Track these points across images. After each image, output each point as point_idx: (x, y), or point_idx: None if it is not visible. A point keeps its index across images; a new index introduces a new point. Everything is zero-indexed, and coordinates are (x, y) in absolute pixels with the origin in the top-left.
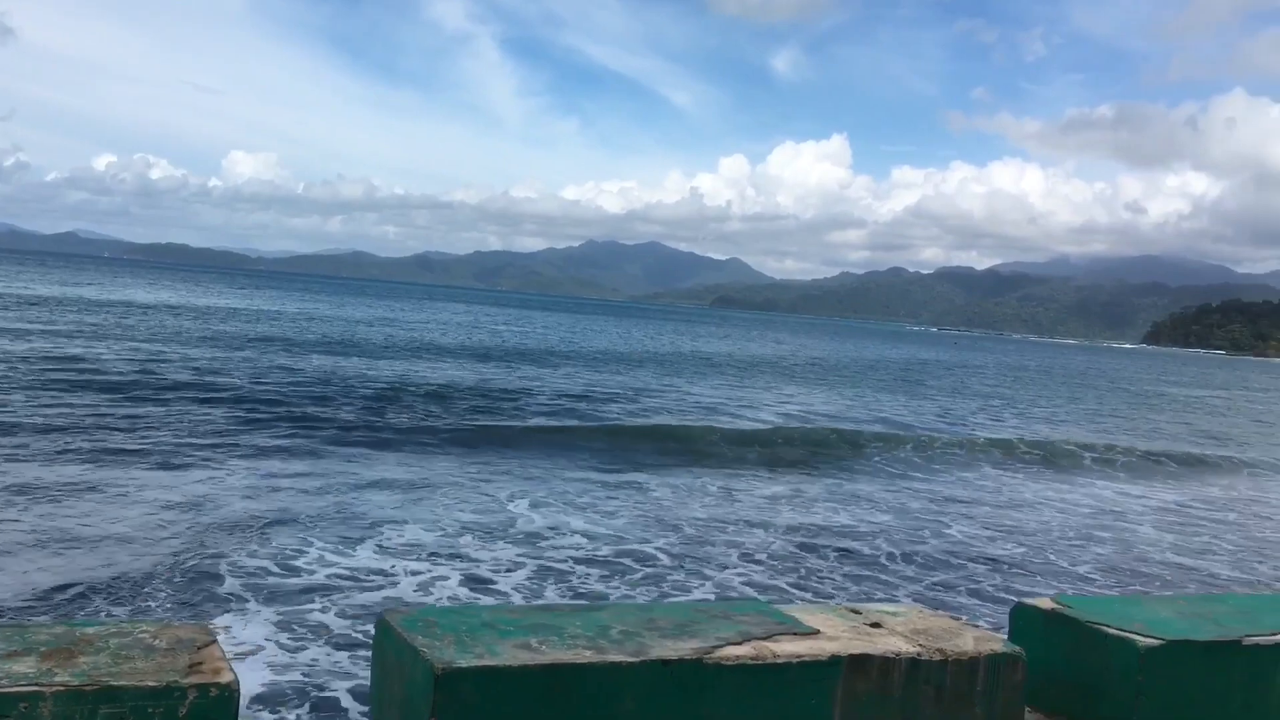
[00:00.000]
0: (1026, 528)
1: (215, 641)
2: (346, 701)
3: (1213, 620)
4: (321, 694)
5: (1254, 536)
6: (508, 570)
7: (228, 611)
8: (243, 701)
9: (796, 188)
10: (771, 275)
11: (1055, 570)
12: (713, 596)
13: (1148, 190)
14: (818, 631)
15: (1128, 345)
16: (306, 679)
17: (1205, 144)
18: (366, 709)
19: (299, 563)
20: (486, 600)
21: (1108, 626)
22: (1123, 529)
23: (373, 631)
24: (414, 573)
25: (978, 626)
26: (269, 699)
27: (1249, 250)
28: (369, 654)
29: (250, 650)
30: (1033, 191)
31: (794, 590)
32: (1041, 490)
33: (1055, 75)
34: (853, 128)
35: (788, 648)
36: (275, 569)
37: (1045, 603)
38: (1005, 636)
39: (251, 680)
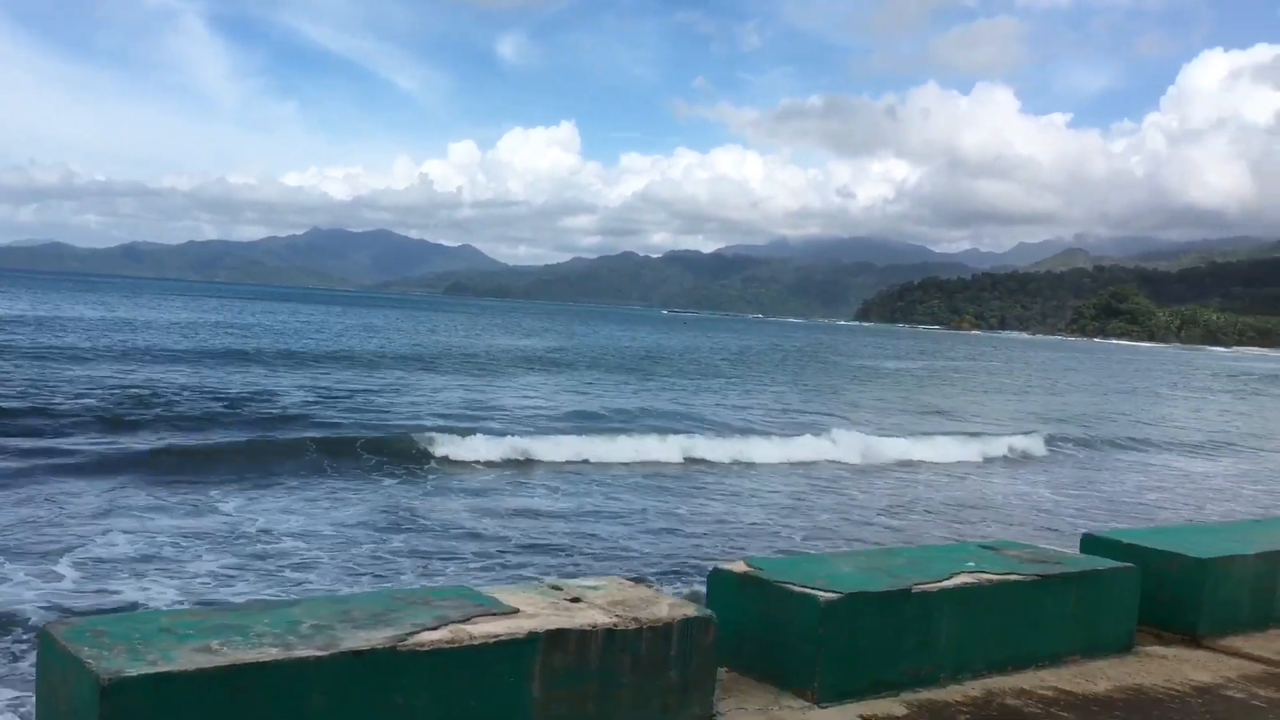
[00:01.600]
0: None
1: None
2: None
3: (887, 572)
4: None
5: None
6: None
7: None
8: None
9: (528, 174)
10: (505, 261)
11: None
12: None
13: (856, 176)
14: (517, 610)
15: (841, 321)
16: None
17: (904, 133)
18: None
19: None
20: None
21: (793, 585)
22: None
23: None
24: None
25: (674, 595)
26: None
27: (944, 231)
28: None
29: None
30: (753, 177)
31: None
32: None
33: (770, 66)
34: (581, 114)
35: (485, 629)
36: None
37: (739, 566)
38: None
39: None
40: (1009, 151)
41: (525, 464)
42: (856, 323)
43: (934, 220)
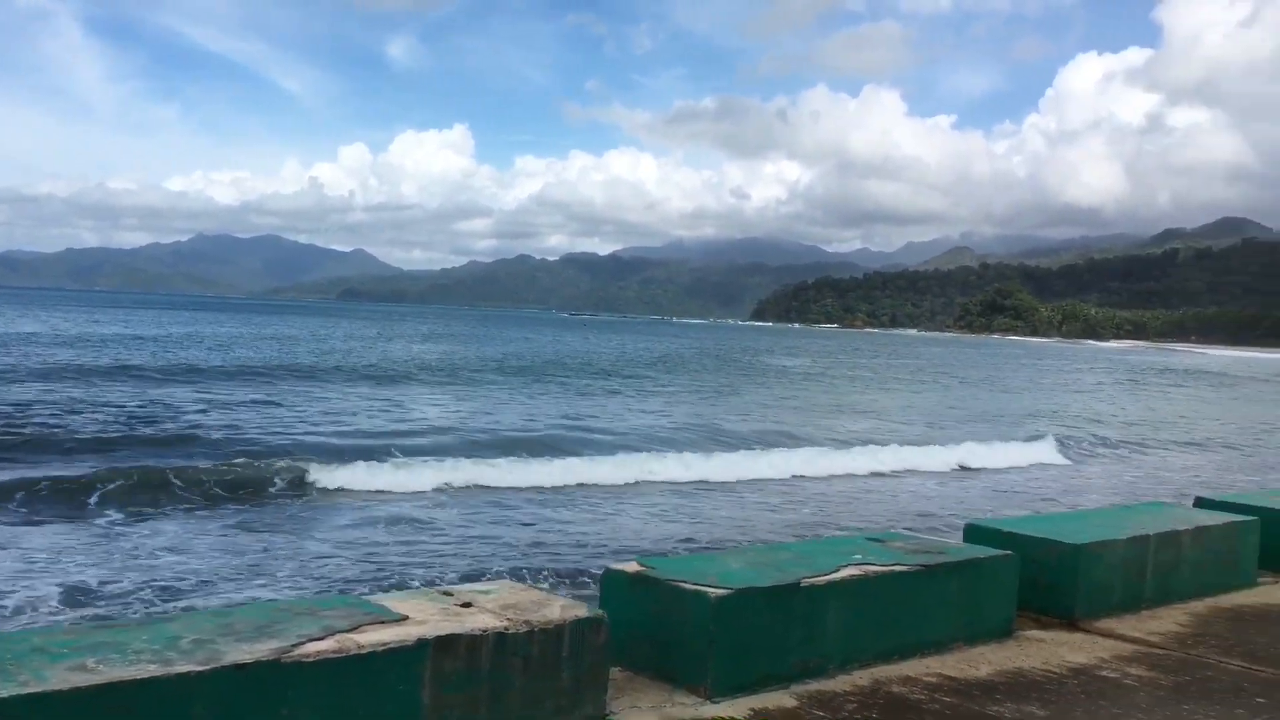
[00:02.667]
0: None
1: None
2: None
3: (776, 567)
4: None
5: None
6: None
7: None
8: None
9: (421, 177)
10: (399, 266)
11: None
12: None
13: (749, 177)
14: (406, 617)
15: (738, 321)
16: None
17: (796, 135)
18: None
19: None
20: None
21: (684, 582)
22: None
23: None
24: None
25: (568, 597)
26: None
27: (836, 231)
28: None
29: None
30: (648, 179)
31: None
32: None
33: (662, 69)
34: (474, 117)
35: (373, 637)
36: None
37: (631, 566)
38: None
39: None
40: (897, 153)
41: (426, 489)
42: (753, 323)
43: (826, 220)
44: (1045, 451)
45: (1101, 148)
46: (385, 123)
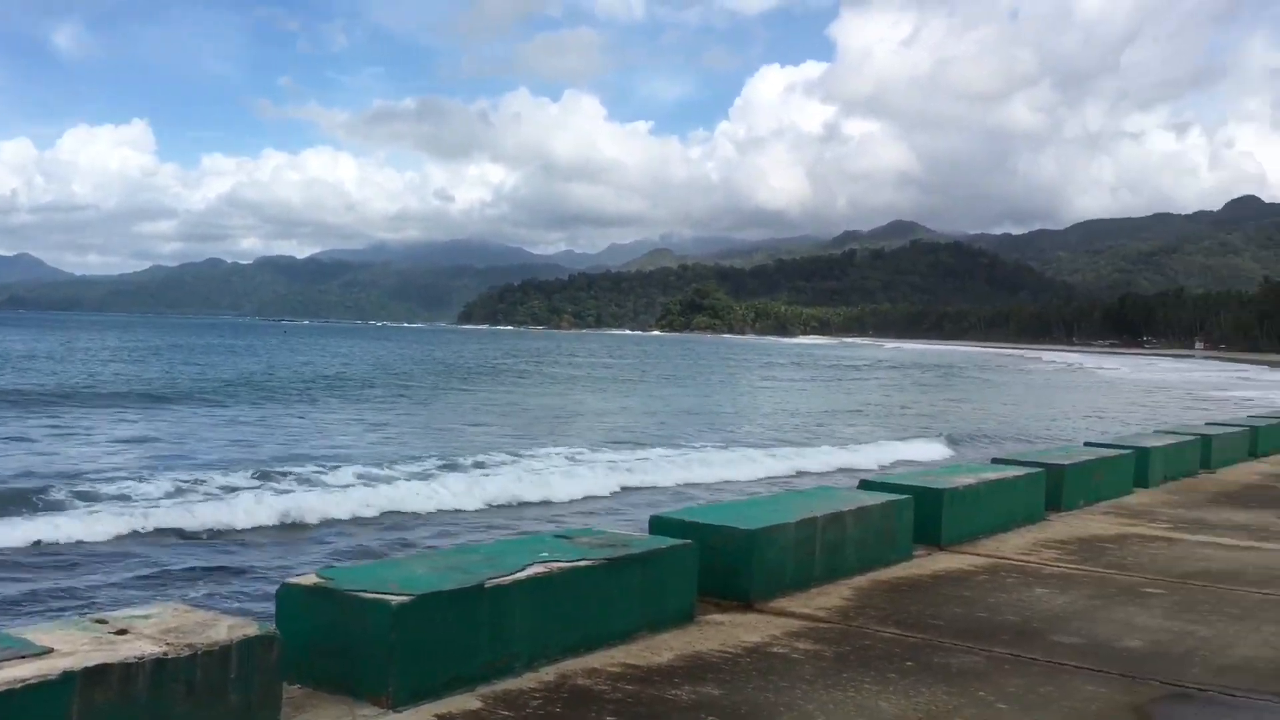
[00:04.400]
0: None
1: None
2: None
3: (461, 569)
4: None
5: None
6: None
7: None
8: None
9: (95, 175)
10: (72, 271)
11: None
12: None
13: (453, 179)
14: (51, 650)
15: (445, 325)
16: None
17: (499, 137)
18: None
19: None
20: None
21: (363, 592)
22: None
23: None
24: None
25: (238, 616)
26: None
27: (542, 233)
28: None
29: None
30: (348, 179)
31: None
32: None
33: (359, 67)
34: (155, 112)
35: (11, 673)
36: None
37: (309, 579)
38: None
39: None
40: (599, 156)
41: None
42: (462, 326)
43: (531, 222)
44: (937, 449)
45: (786, 154)
46: (52, 117)
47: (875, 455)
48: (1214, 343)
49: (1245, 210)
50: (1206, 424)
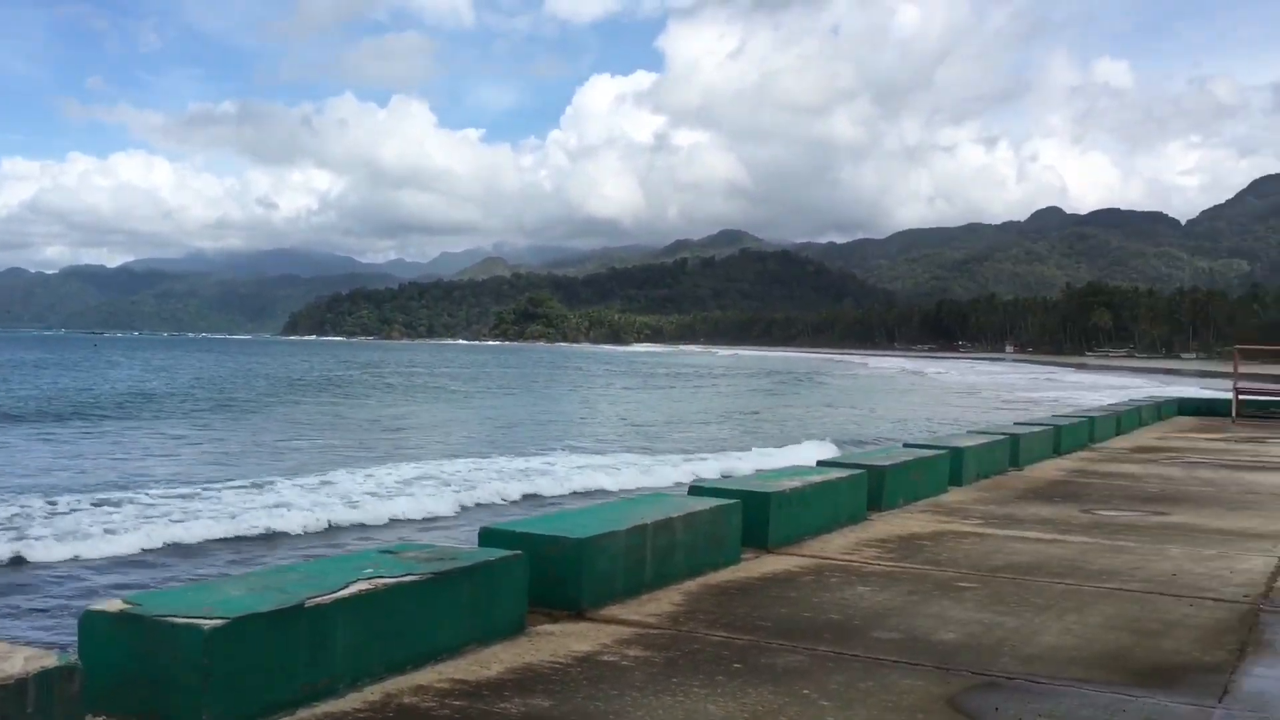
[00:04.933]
0: None
1: None
2: None
3: (280, 590)
4: None
5: None
6: None
7: None
8: None
9: None
10: None
11: None
12: None
13: (277, 186)
14: None
15: (270, 336)
16: None
17: (324, 143)
18: None
19: None
20: None
21: (174, 617)
22: None
23: None
24: None
25: (36, 647)
26: None
27: (371, 241)
28: None
29: None
30: (163, 185)
31: None
32: None
33: (174, 68)
34: None
35: None
36: None
37: (115, 605)
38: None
39: None
40: (429, 164)
41: None
42: (287, 337)
43: (360, 230)
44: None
45: (617, 163)
46: None
47: (757, 462)
48: (1022, 346)
49: (1049, 220)
50: (1015, 424)
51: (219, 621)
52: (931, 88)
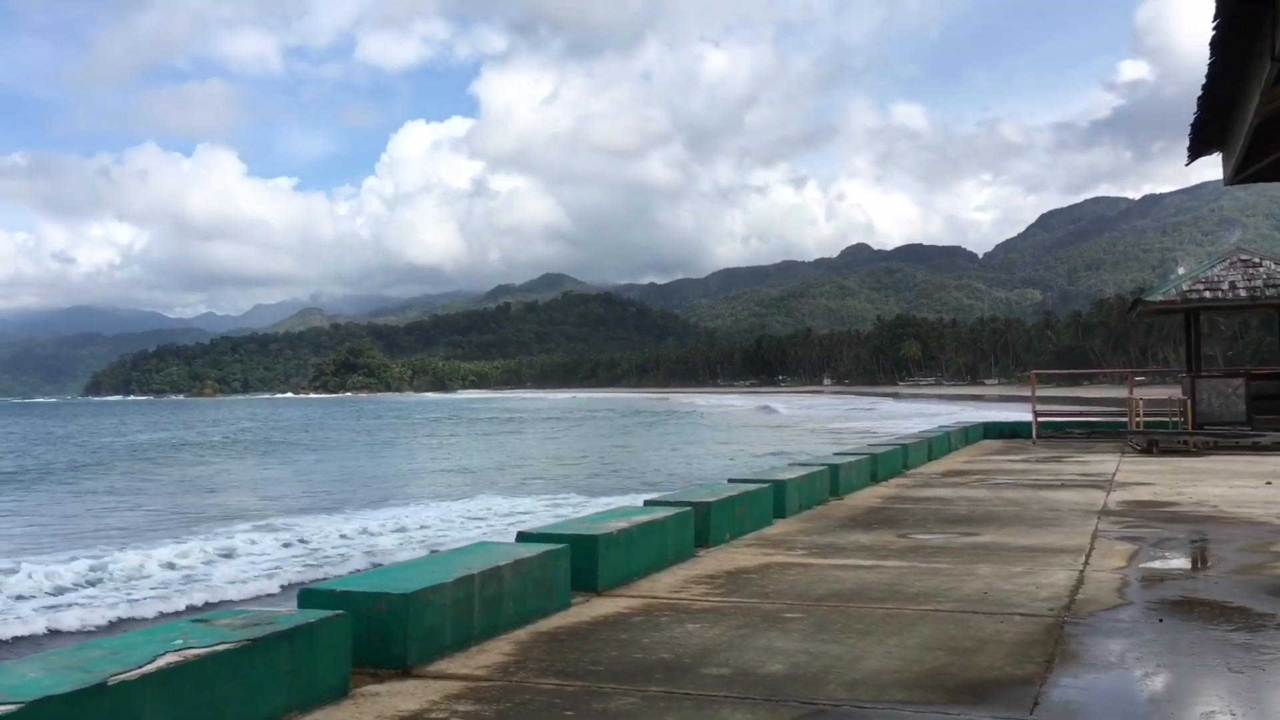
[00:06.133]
0: None
1: None
2: None
3: (81, 669)
4: None
5: None
6: None
7: None
8: None
9: None
10: None
11: None
12: None
13: (74, 240)
14: None
15: (71, 397)
16: None
17: (124, 194)
18: None
19: None
20: None
21: None
22: None
23: None
24: None
25: None
26: None
27: (180, 295)
28: None
29: None
30: None
31: None
32: None
33: None
34: None
35: None
36: None
37: None
38: None
39: None
40: (239, 214)
41: None
42: (90, 398)
43: (167, 284)
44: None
45: (436, 210)
46: None
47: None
48: (839, 378)
49: (858, 257)
50: (835, 454)
51: (11, 708)
52: (741, 131)
